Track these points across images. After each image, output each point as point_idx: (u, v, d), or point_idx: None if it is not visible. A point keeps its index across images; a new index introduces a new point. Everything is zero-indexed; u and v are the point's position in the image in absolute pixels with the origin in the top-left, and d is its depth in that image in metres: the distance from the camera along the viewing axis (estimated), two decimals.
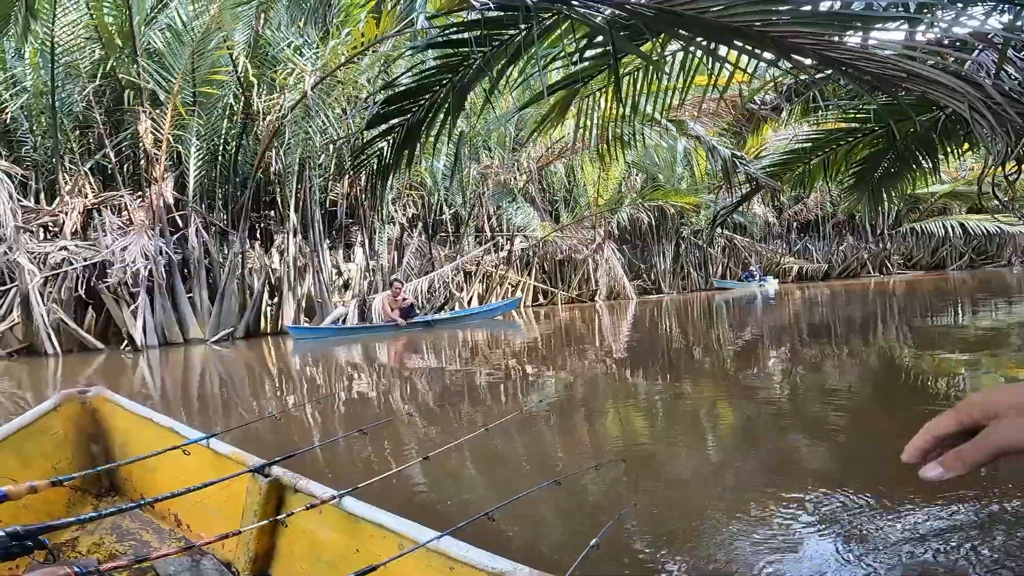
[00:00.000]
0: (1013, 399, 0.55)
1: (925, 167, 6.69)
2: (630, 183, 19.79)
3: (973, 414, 0.57)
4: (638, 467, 3.39)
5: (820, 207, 25.59)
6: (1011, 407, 0.55)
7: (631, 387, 6.07)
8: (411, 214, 16.73)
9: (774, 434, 4.11)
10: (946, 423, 0.59)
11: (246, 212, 12.62)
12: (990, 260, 28.81)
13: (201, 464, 2.25)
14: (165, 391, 7.39)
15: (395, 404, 5.79)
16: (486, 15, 3.42)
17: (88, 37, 11.42)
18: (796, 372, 6.47)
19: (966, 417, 0.58)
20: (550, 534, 2.62)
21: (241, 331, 12.24)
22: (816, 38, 2.58)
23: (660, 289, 21.77)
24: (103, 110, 12.00)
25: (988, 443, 0.55)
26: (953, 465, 0.57)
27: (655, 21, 2.94)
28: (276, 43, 11.83)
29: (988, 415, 0.56)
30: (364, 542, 1.75)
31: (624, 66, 4.55)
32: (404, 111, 4.48)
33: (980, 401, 0.57)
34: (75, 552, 2.21)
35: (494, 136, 16.92)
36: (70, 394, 2.73)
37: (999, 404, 0.56)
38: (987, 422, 0.56)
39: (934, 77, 2.29)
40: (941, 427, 0.60)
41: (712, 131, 10.97)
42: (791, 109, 7.78)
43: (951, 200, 26.44)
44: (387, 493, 2.81)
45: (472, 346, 10.45)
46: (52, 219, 11.70)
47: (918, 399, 4.93)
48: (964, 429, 0.58)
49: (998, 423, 0.55)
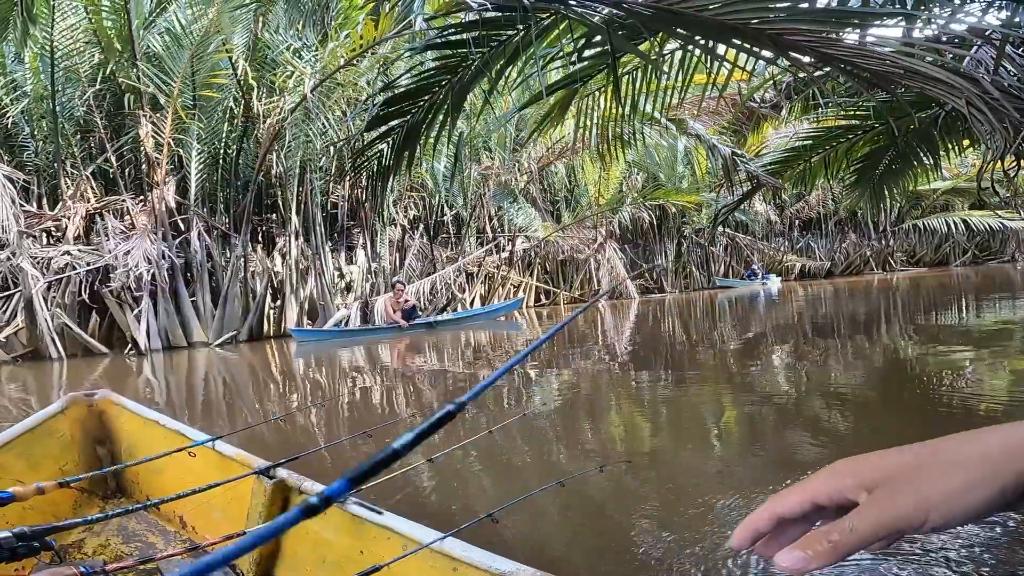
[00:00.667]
0: (894, 464, 0.44)
1: (926, 163, 6.69)
2: (631, 182, 19.80)
3: (841, 486, 0.45)
4: (644, 467, 3.40)
5: (822, 204, 25.58)
6: (894, 473, 0.43)
7: (635, 387, 6.07)
8: (412, 216, 16.76)
9: (780, 433, 4.11)
10: (797, 500, 0.47)
11: (248, 215, 12.65)
12: (993, 256, 28.75)
13: (207, 466, 2.26)
14: (170, 394, 7.41)
15: (399, 406, 5.80)
16: (484, 16, 3.43)
17: (87, 41, 11.46)
18: (802, 370, 6.47)
19: (832, 491, 0.45)
20: (554, 535, 2.63)
21: (244, 334, 12.27)
22: (813, 35, 2.58)
23: (662, 288, 21.76)
24: (104, 114, 12.04)
25: (869, 521, 0.43)
26: (823, 552, 0.44)
27: (652, 20, 2.95)
28: (275, 46, 11.87)
29: (864, 485, 0.44)
30: (368, 543, 1.76)
31: (623, 65, 4.56)
32: (403, 112, 4.49)
33: (849, 469, 0.45)
34: (81, 553, 2.22)
35: (494, 137, 16.93)
36: (76, 397, 2.75)
37: (878, 471, 0.44)
38: (858, 495, 0.44)
39: (931, 73, 2.30)
40: (789, 505, 0.47)
41: (712, 129, 10.97)
42: (791, 107, 7.78)
43: (953, 196, 26.38)
44: (392, 495, 2.83)
45: (475, 347, 10.46)
46: (55, 224, 11.74)
47: (926, 397, 4.94)
48: (821, 507, 0.46)
49: (878, 495, 0.43)
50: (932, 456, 0.44)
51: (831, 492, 0.45)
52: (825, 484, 0.46)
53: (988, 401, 4.40)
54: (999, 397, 4.51)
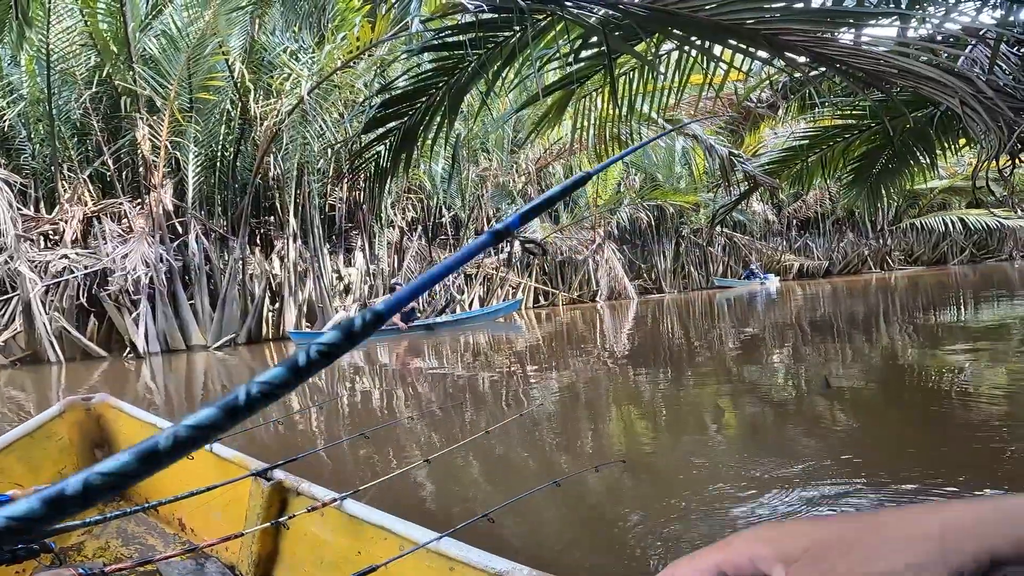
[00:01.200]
0: (825, 535, 0.37)
1: (923, 162, 6.70)
2: (629, 183, 19.81)
3: (754, 555, 0.38)
4: (639, 467, 3.40)
5: (819, 204, 25.60)
6: (823, 547, 0.36)
7: (632, 388, 6.08)
8: (411, 217, 16.76)
9: (777, 432, 4.12)
10: (698, 567, 0.39)
11: (246, 218, 12.65)
12: (991, 255, 28.79)
13: (205, 468, 2.27)
14: (169, 397, 7.41)
15: (397, 408, 5.81)
16: (480, 17, 3.44)
17: (83, 44, 11.45)
18: (800, 370, 6.48)
19: (742, 559, 0.38)
20: (549, 534, 2.63)
21: (243, 337, 12.27)
22: (809, 35, 2.59)
23: (661, 289, 21.77)
24: (100, 117, 12.03)
25: None
26: None
27: (648, 21, 2.96)
28: (272, 48, 11.87)
29: (784, 557, 0.37)
30: (366, 544, 1.77)
31: (619, 66, 4.56)
32: (401, 114, 4.49)
33: (769, 536, 0.38)
34: (81, 556, 2.22)
35: (492, 138, 16.95)
36: (74, 401, 2.76)
37: (804, 541, 0.37)
38: (771, 568, 0.37)
39: (925, 73, 2.31)
40: (687, 573, 0.39)
41: (709, 130, 10.98)
42: (787, 107, 7.80)
43: (950, 195, 26.42)
44: (388, 495, 2.83)
45: (474, 349, 10.46)
46: (52, 227, 11.72)
47: (926, 396, 4.95)
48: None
49: (797, 571, 0.36)
50: (872, 530, 0.36)
51: (740, 561, 0.38)
52: (736, 551, 0.38)
53: (989, 399, 4.41)
54: (999, 397, 4.53)
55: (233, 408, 0.27)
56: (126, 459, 0.25)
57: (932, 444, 3.55)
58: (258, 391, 0.27)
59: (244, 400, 0.27)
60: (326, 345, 0.29)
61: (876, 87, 2.83)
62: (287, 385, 0.28)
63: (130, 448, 0.25)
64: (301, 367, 0.28)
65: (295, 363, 0.28)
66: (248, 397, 0.27)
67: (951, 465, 3.09)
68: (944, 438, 3.62)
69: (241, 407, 0.27)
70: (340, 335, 0.29)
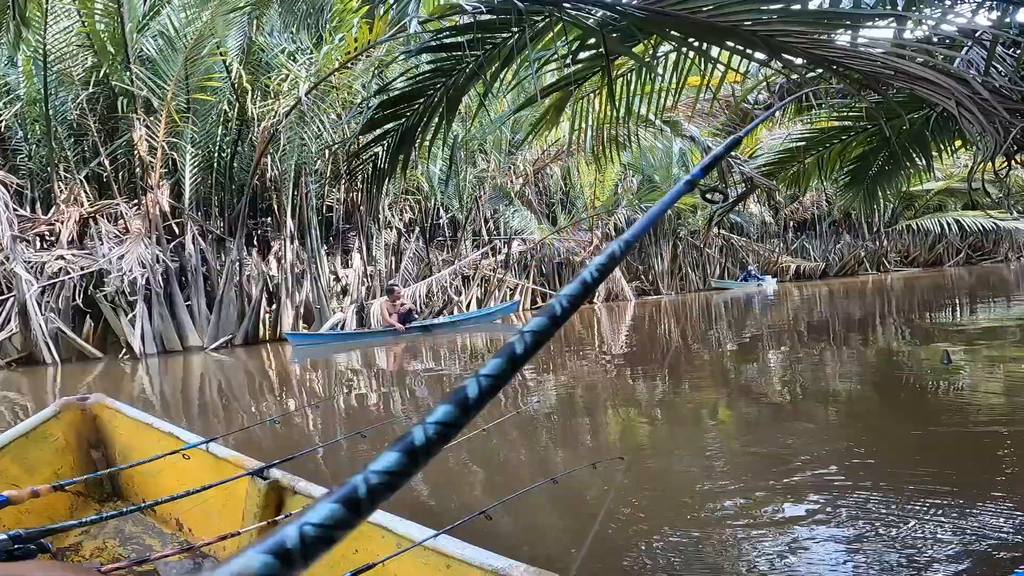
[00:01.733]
0: None
1: (919, 164, 6.72)
2: (626, 184, 19.81)
3: None
4: (637, 465, 3.40)
5: (816, 206, 25.64)
6: None
7: (629, 387, 6.08)
8: (408, 219, 16.75)
9: (774, 431, 4.13)
10: None
11: (243, 219, 12.63)
12: (987, 256, 28.86)
13: (201, 468, 2.27)
14: (165, 398, 7.39)
15: (394, 408, 5.80)
16: (478, 18, 3.45)
17: (80, 44, 11.42)
18: (796, 371, 6.49)
19: None
20: (546, 531, 2.64)
21: (240, 338, 12.24)
22: (805, 37, 2.60)
23: (658, 290, 21.79)
24: (97, 118, 11.99)
25: None
26: None
27: (646, 22, 2.97)
28: (270, 49, 11.85)
29: None
30: (363, 542, 1.77)
31: (617, 68, 4.57)
32: (398, 116, 4.49)
33: None
34: (79, 556, 2.22)
35: (490, 139, 16.95)
36: (70, 401, 2.75)
37: None
38: None
39: (921, 74, 2.32)
40: None
41: (706, 131, 11.00)
42: (784, 108, 7.80)
43: (946, 197, 26.48)
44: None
45: (471, 350, 10.46)
46: (48, 228, 11.69)
47: (924, 398, 4.96)
48: None
49: None
50: None
51: None
52: None
53: (988, 405, 4.42)
54: (998, 397, 4.54)
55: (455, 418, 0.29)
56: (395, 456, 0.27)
57: (930, 449, 3.56)
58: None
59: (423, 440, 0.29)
60: (533, 332, 0.31)
61: (873, 88, 2.85)
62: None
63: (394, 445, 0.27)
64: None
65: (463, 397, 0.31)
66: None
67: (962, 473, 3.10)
68: (950, 447, 3.63)
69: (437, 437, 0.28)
70: (546, 320, 0.31)
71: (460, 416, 0.30)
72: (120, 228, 11.71)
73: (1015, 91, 2.84)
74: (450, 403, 0.30)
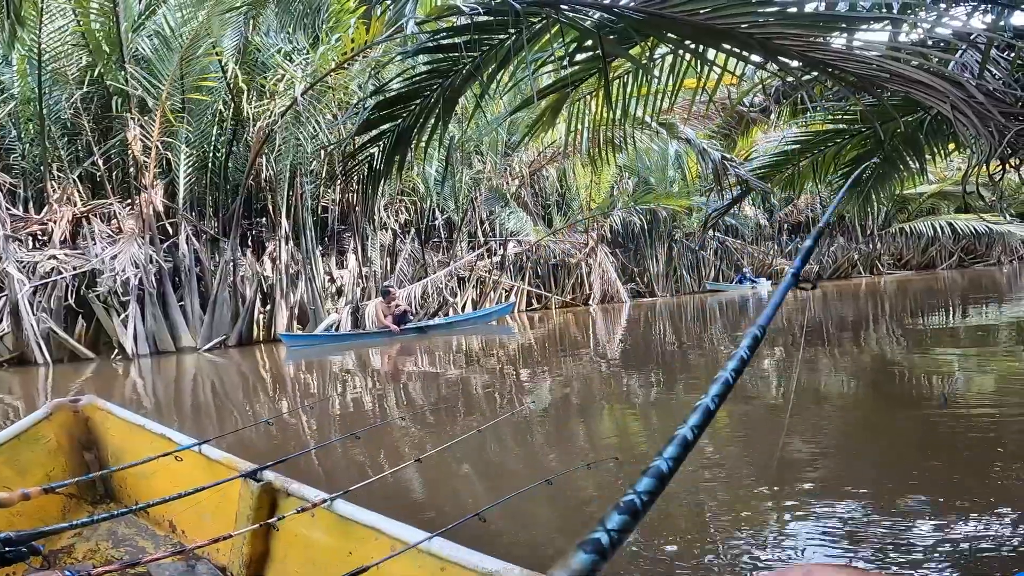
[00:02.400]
0: None
1: (912, 167, 6.76)
2: (622, 186, 19.83)
3: None
4: (631, 464, 3.40)
5: (811, 208, 25.73)
6: None
7: (624, 389, 6.08)
8: (404, 220, 16.73)
9: (771, 431, 4.13)
10: None
11: (237, 219, 12.58)
12: (979, 259, 29.02)
13: (194, 470, 2.25)
14: (157, 399, 7.35)
15: (388, 409, 5.79)
16: (475, 20, 3.44)
17: (75, 44, 11.37)
18: (791, 373, 6.50)
19: None
20: (541, 533, 2.63)
21: (233, 339, 12.19)
22: (801, 40, 2.61)
23: (653, 292, 21.81)
24: (91, 117, 11.94)
25: None
26: None
27: (643, 24, 2.97)
28: (266, 49, 11.82)
29: None
30: (356, 544, 1.76)
31: (614, 70, 4.57)
32: (394, 116, 4.49)
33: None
34: (71, 558, 2.20)
35: (486, 141, 16.94)
36: (61, 403, 2.73)
37: None
38: None
39: (916, 77, 2.33)
40: None
41: (702, 134, 11.02)
42: (779, 111, 7.84)
43: (940, 200, 26.62)
44: (379, 496, 2.81)
45: (466, 351, 10.45)
46: (41, 228, 11.62)
47: (921, 399, 4.97)
48: None
49: None
50: None
51: None
52: None
53: (987, 404, 4.44)
54: (996, 397, 4.56)
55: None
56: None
57: (931, 449, 3.57)
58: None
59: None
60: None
61: (867, 91, 2.86)
62: None
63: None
64: None
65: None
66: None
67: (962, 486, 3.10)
68: (950, 446, 3.64)
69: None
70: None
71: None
72: (113, 228, 11.65)
73: (1010, 94, 2.85)
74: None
